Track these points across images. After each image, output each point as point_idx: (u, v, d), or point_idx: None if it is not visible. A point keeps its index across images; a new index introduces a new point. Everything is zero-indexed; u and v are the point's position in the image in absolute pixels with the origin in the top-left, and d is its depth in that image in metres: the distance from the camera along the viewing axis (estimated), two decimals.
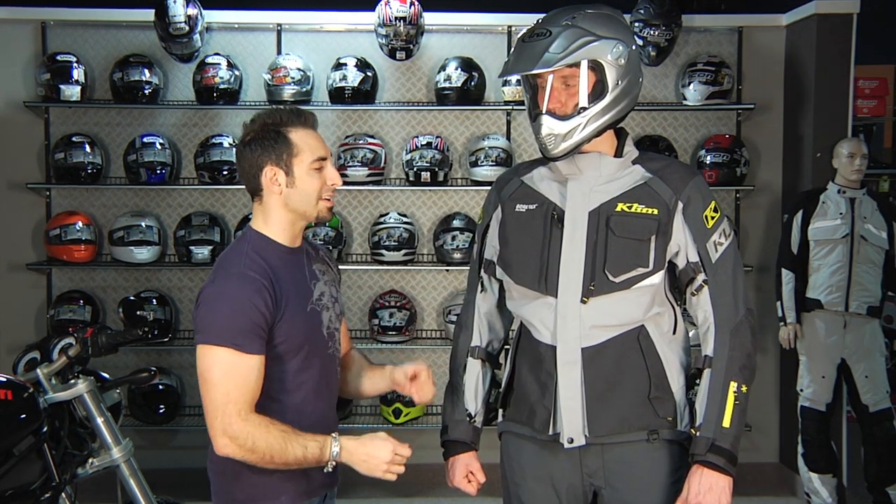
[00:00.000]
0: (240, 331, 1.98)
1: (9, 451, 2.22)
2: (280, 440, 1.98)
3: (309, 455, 2.00)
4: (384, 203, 4.95)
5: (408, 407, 4.71)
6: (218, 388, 1.98)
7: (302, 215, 2.12)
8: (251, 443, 1.96)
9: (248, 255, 2.07)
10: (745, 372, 2.10)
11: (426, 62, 4.89)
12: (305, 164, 2.08)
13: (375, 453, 2.04)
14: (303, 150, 2.08)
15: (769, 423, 5.06)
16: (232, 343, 1.98)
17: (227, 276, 2.05)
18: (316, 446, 2.01)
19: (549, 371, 2.13)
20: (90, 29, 4.85)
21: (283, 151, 2.07)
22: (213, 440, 2.00)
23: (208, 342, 2.00)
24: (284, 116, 2.10)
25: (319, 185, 2.10)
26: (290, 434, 1.99)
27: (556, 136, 2.07)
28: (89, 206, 4.87)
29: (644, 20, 4.69)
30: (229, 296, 2.01)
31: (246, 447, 1.97)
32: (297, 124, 2.10)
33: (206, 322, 2.02)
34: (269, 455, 1.97)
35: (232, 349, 1.98)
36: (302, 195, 2.09)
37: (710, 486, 2.04)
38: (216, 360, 1.99)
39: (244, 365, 1.99)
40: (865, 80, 6.47)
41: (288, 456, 1.98)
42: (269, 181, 2.09)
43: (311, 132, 2.11)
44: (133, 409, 4.59)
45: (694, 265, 2.13)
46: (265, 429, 1.98)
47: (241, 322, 1.99)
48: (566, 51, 2.01)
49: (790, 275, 4.44)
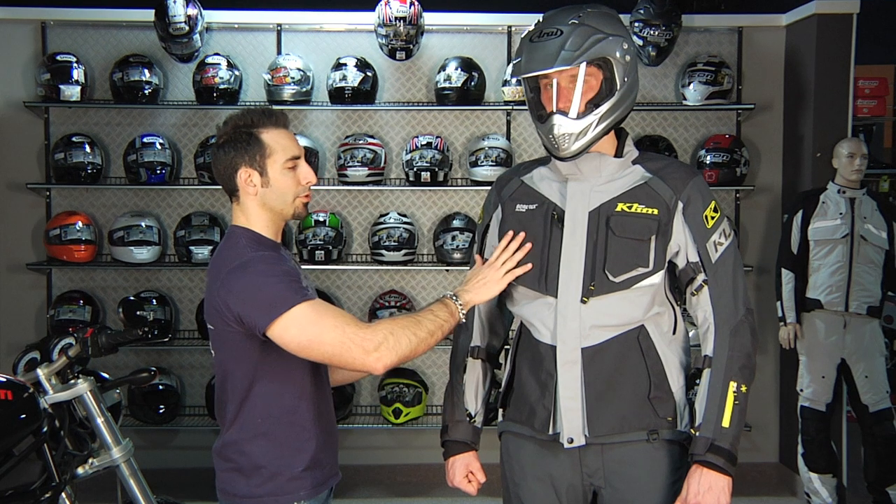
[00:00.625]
0: (296, 289, 2.02)
1: (9, 452, 2.21)
2: (410, 324, 2.04)
3: (441, 319, 2.08)
4: (384, 203, 4.95)
5: (408, 407, 4.71)
6: (328, 330, 1.98)
7: (279, 214, 2.15)
8: (393, 340, 2.00)
9: (250, 245, 2.10)
10: (745, 372, 2.10)
11: (426, 62, 4.89)
12: (279, 164, 2.11)
13: (485, 277, 2.16)
14: (275, 150, 2.11)
15: (769, 423, 5.06)
16: (299, 299, 1.99)
17: (249, 263, 2.05)
18: (442, 309, 2.10)
19: (549, 371, 2.13)
20: (90, 29, 4.85)
21: (255, 153, 2.10)
22: (366, 368, 2.01)
23: (281, 312, 1.98)
24: (256, 118, 2.12)
25: (294, 184, 2.13)
26: (412, 315, 2.08)
27: (569, 135, 2.06)
28: (89, 206, 4.87)
29: (644, 20, 4.69)
30: (264, 272, 2.04)
31: (391, 346, 2.00)
32: (269, 125, 2.12)
33: (265, 301, 2.00)
34: (416, 340, 2.03)
35: (302, 303, 1.99)
36: (277, 194, 2.12)
37: (709, 485, 2.04)
38: (301, 318, 1.99)
39: (321, 304, 2.03)
40: (865, 80, 6.47)
41: (425, 329, 2.05)
42: (244, 182, 2.12)
43: (283, 132, 2.14)
44: (133, 409, 4.59)
45: (694, 265, 2.13)
46: (390, 323, 2.04)
47: (290, 282, 2.02)
48: (581, 48, 2.01)
49: (790, 275, 4.45)
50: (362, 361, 1.99)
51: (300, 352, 2.01)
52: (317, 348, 2.00)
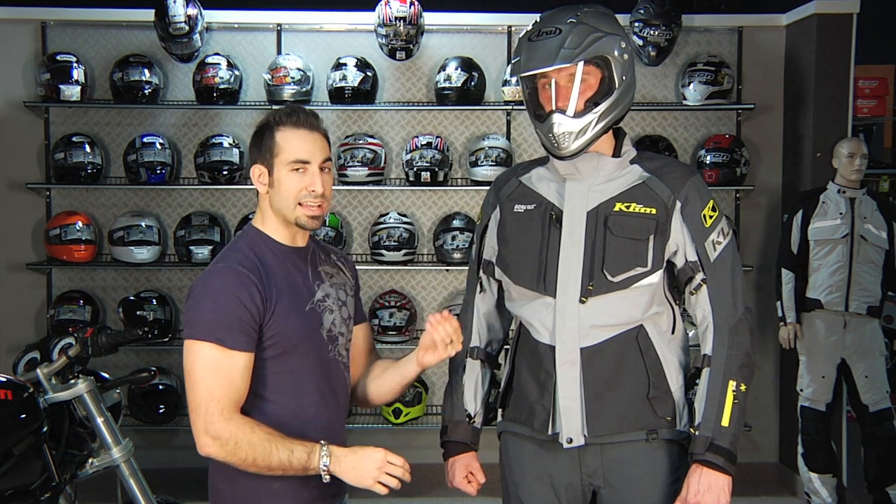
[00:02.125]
0: (223, 325, 1.95)
1: (9, 451, 2.21)
2: (264, 442, 1.92)
3: (295, 461, 1.93)
4: (384, 203, 4.95)
5: (408, 407, 4.71)
6: (201, 386, 1.94)
7: (285, 218, 2.08)
8: (233, 444, 1.92)
9: (241, 250, 2.06)
10: (744, 371, 2.10)
11: (426, 62, 4.89)
12: (284, 165, 2.05)
13: (364, 462, 1.97)
14: (284, 149, 2.05)
15: (769, 423, 5.06)
16: (215, 338, 1.95)
17: (216, 270, 2.04)
18: (303, 451, 1.94)
19: (548, 371, 2.13)
20: (90, 29, 4.85)
21: (267, 150, 2.06)
22: (196, 439, 1.96)
23: (192, 336, 1.97)
24: (279, 115, 2.08)
25: (296, 189, 2.04)
26: (276, 437, 1.93)
27: (569, 133, 2.06)
28: (89, 206, 4.87)
29: (644, 20, 4.69)
30: (215, 290, 1.99)
31: (228, 448, 1.92)
32: (288, 124, 2.06)
33: (192, 316, 2.00)
34: (252, 458, 1.92)
35: (215, 345, 1.94)
36: (280, 196, 2.06)
37: (709, 485, 2.04)
38: (200, 355, 1.96)
39: (228, 362, 1.95)
40: (865, 80, 6.46)
41: (272, 460, 1.92)
42: (256, 179, 2.10)
43: (299, 132, 2.05)
44: (133, 409, 4.59)
45: (692, 264, 2.13)
46: (249, 430, 1.93)
47: (225, 316, 1.95)
48: (580, 46, 2.02)
49: (790, 275, 4.45)
50: (195, 433, 1.96)
51: (185, 375, 2.00)
52: (186, 387, 1.99)
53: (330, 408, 2.13)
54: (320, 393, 2.10)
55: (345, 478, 1.97)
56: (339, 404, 2.17)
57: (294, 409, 2.06)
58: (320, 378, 2.10)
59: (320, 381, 2.10)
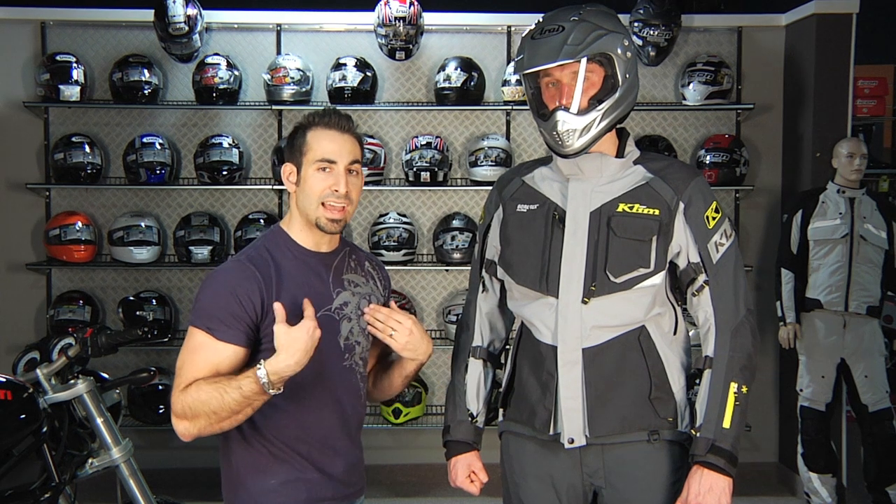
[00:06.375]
0: (216, 316, 1.99)
1: (8, 452, 2.21)
2: (213, 392, 1.92)
3: (247, 391, 1.91)
4: (384, 203, 4.95)
5: (407, 407, 4.71)
6: (183, 368, 2.00)
7: (308, 219, 2.10)
8: (190, 411, 1.95)
9: (257, 246, 2.11)
10: (746, 373, 2.09)
11: (426, 62, 4.89)
12: (311, 163, 2.08)
13: (291, 342, 1.90)
14: (312, 148, 2.09)
15: (769, 423, 5.06)
16: (206, 326, 1.99)
17: (228, 262, 2.11)
18: (250, 381, 1.91)
19: (549, 371, 2.13)
20: (90, 29, 4.85)
21: (297, 149, 2.10)
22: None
23: (190, 322, 2.04)
24: (313, 116, 2.12)
25: (320, 188, 2.06)
26: (222, 381, 1.93)
27: (573, 131, 2.06)
28: (89, 206, 4.87)
29: (644, 20, 4.69)
30: (218, 280, 2.05)
31: (188, 416, 1.95)
32: (320, 124, 2.10)
33: (195, 302, 2.06)
34: (212, 409, 1.92)
35: (206, 332, 1.99)
36: (304, 195, 2.09)
37: (710, 486, 2.04)
38: (190, 340, 2.02)
39: (213, 349, 1.98)
40: (865, 80, 6.48)
41: (229, 402, 1.91)
42: (286, 178, 2.13)
43: (329, 133, 2.09)
44: (133, 409, 4.59)
45: (695, 266, 2.13)
46: (195, 389, 1.94)
47: (220, 308, 1.99)
48: (584, 43, 2.02)
49: (790, 275, 4.45)
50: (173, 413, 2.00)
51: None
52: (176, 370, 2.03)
53: (333, 415, 2.12)
54: (322, 399, 2.09)
55: (286, 364, 1.91)
56: (345, 413, 2.15)
57: (293, 413, 2.06)
58: (325, 385, 2.09)
59: (325, 387, 2.09)
